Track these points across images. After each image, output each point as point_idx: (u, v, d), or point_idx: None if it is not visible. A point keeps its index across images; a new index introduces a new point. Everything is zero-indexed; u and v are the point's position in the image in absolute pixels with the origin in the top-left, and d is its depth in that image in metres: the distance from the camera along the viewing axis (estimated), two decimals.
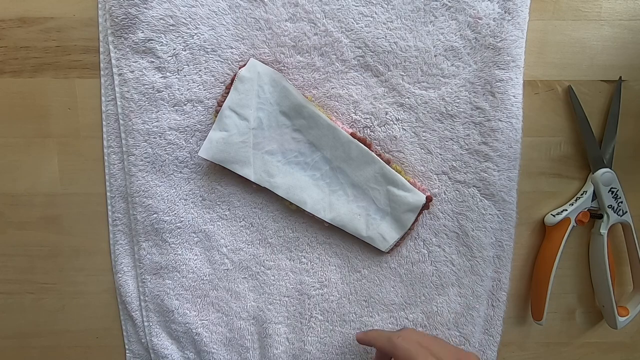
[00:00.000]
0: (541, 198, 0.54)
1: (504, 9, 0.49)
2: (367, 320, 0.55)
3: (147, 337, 0.56)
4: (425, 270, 0.54)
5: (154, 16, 0.49)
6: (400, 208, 0.51)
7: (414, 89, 0.51)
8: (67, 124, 0.53)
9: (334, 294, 0.54)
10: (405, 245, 0.53)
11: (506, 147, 0.51)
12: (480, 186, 0.52)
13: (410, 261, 0.54)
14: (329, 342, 0.55)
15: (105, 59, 0.51)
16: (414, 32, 0.50)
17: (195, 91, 0.50)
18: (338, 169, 0.51)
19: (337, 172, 0.51)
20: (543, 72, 0.52)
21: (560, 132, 0.53)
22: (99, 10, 0.50)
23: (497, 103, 0.50)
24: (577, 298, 0.57)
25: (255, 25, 0.49)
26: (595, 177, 0.52)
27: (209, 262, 0.54)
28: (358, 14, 0.49)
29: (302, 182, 0.51)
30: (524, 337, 0.58)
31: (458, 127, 0.51)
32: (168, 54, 0.50)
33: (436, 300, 0.54)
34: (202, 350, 0.55)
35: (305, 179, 0.51)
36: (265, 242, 0.54)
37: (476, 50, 0.50)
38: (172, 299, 0.54)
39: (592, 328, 0.58)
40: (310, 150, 0.51)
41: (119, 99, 0.51)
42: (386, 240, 0.52)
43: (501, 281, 0.54)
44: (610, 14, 0.51)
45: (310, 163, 0.51)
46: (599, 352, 0.58)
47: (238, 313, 0.55)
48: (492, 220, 0.52)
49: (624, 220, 0.53)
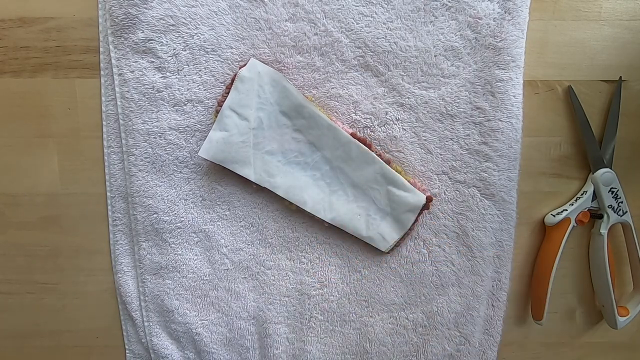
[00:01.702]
0: (541, 198, 0.54)
1: (504, 9, 0.49)
2: (367, 320, 0.54)
3: (147, 337, 0.56)
4: (426, 270, 0.54)
5: (154, 16, 0.49)
6: (400, 208, 0.51)
7: (414, 89, 0.51)
8: (67, 124, 0.53)
9: (334, 294, 0.54)
10: (405, 246, 0.53)
11: (506, 147, 0.51)
12: (481, 186, 0.52)
13: (410, 261, 0.54)
14: (329, 342, 0.55)
15: (106, 59, 0.51)
16: (414, 32, 0.50)
17: (195, 91, 0.50)
18: (338, 169, 0.51)
19: (337, 172, 0.51)
20: (543, 72, 0.52)
21: (560, 132, 0.53)
22: (99, 10, 0.50)
23: (497, 103, 0.50)
24: (577, 298, 0.57)
25: (255, 25, 0.49)
26: (595, 177, 0.52)
27: (209, 262, 0.54)
28: (358, 14, 0.49)
29: (302, 182, 0.51)
30: (524, 337, 0.58)
31: (458, 127, 0.51)
32: (168, 54, 0.50)
33: (436, 300, 0.54)
34: (202, 350, 0.55)
35: (305, 179, 0.51)
36: (266, 242, 0.54)
37: (476, 50, 0.50)
38: (172, 299, 0.54)
39: (592, 328, 0.58)
40: (311, 150, 0.51)
41: (119, 99, 0.51)
42: (386, 241, 0.52)
43: (501, 281, 0.54)
44: (610, 14, 0.51)
45: (311, 163, 0.51)
46: (599, 352, 0.58)
47: (238, 313, 0.55)
48: (492, 220, 0.52)
49: (624, 220, 0.53)
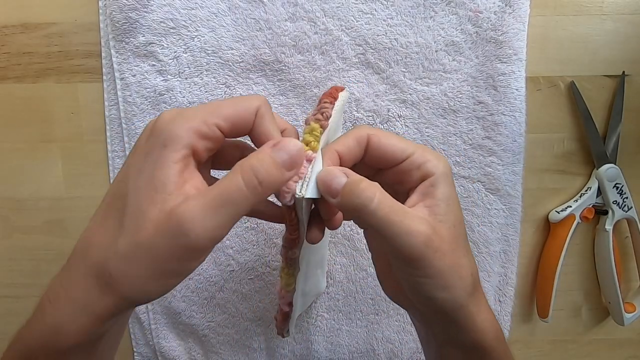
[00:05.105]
0: (545, 195, 0.54)
1: (504, 2, 0.49)
2: (373, 318, 0.54)
3: (155, 340, 0.56)
4: None
5: (155, 20, 0.49)
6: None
7: (415, 85, 0.50)
8: (70, 128, 0.53)
9: (340, 293, 0.54)
10: None
11: (510, 140, 0.51)
12: (485, 181, 0.52)
13: None
14: (336, 341, 0.55)
15: (107, 63, 0.51)
16: (414, 28, 0.49)
17: (197, 93, 0.51)
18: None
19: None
20: (545, 68, 0.52)
21: (564, 128, 0.53)
22: (100, 15, 0.50)
23: (500, 97, 0.50)
24: (583, 295, 0.57)
25: (255, 26, 0.49)
26: (599, 173, 0.52)
27: (214, 263, 0.54)
28: (358, 11, 0.49)
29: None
30: (529, 335, 0.57)
31: (461, 122, 0.51)
32: (169, 57, 0.50)
33: None
34: (209, 352, 0.55)
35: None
36: (271, 242, 0.54)
37: (477, 44, 0.50)
38: (178, 301, 0.54)
39: (598, 325, 0.57)
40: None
41: (122, 102, 0.51)
42: None
43: (507, 276, 0.54)
44: (612, 8, 0.51)
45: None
46: (605, 348, 0.58)
47: (245, 314, 0.55)
48: (497, 215, 0.52)
49: (630, 216, 0.53)
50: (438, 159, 0.31)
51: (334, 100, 0.33)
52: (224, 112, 0.28)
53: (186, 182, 0.27)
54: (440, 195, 0.30)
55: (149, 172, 0.27)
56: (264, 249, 0.54)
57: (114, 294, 0.27)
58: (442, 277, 0.29)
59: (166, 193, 0.26)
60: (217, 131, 0.28)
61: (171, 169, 0.26)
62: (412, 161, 0.31)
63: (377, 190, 0.28)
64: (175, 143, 0.27)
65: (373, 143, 0.31)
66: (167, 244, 0.26)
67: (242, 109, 0.29)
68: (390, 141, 0.31)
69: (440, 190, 0.30)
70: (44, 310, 0.28)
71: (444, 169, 0.31)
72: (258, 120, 0.30)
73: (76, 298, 0.27)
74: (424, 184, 0.31)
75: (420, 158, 0.31)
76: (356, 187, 0.28)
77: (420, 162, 0.31)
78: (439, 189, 0.30)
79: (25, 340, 0.29)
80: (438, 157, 0.31)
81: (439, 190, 0.30)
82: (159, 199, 0.26)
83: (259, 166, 0.27)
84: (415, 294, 0.31)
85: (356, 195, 0.28)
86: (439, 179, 0.30)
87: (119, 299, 0.27)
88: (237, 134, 0.30)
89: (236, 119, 0.29)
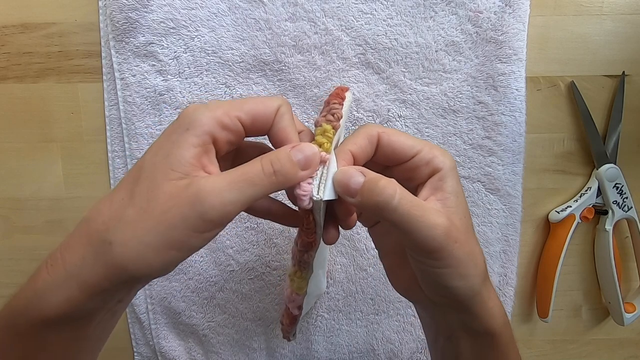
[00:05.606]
0: (545, 195, 0.54)
1: (504, 2, 0.49)
2: (373, 318, 0.54)
3: (155, 340, 0.56)
4: None
5: (155, 20, 0.49)
6: None
7: (415, 85, 0.51)
8: (70, 128, 0.53)
9: (340, 293, 0.54)
10: None
11: (510, 140, 0.51)
12: (485, 181, 0.52)
13: None
14: (336, 341, 0.55)
15: (107, 63, 0.51)
16: (414, 28, 0.50)
17: (197, 93, 0.51)
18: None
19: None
20: (545, 68, 0.52)
21: (564, 128, 0.53)
22: (100, 15, 0.50)
23: (500, 97, 0.50)
24: (583, 295, 0.57)
25: (255, 26, 0.49)
26: (599, 173, 0.52)
27: (214, 263, 0.54)
28: (358, 11, 0.49)
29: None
30: (529, 335, 0.57)
31: (461, 122, 0.51)
32: (169, 57, 0.50)
33: None
34: (209, 352, 0.55)
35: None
36: (271, 242, 0.54)
37: (477, 44, 0.50)
38: (178, 301, 0.54)
39: (598, 325, 0.57)
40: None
41: (122, 102, 0.51)
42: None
43: (507, 276, 0.54)
44: (612, 8, 0.51)
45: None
46: (605, 349, 0.58)
47: (245, 314, 0.55)
48: (497, 215, 0.52)
49: (629, 216, 0.53)
50: (444, 154, 0.32)
51: (342, 101, 0.34)
52: (246, 106, 0.30)
53: (204, 166, 0.28)
54: (450, 189, 0.31)
55: (167, 150, 0.28)
56: (264, 249, 0.54)
57: (109, 263, 0.27)
58: (461, 265, 0.30)
59: (181, 171, 0.27)
60: (238, 124, 0.29)
61: (189, 150, 0.28)
62: (421, 157, 0.32)
63: (397, 187, 0.29)
64: (196, 128, 0.28)
65: (383, 141, 0.32)
66: (180, 211, 0.26)
67: (264, 106, 0.30)
68: (400, 139, 0.32)
69: (449, 183, 0.31)
70: (39, 274, 0.29)
71: (450, 164, 0.32)
72: (278, 118, 0.31)
73: (70, 265, 0.28)
74: (434, 179, 0.31)
75: (428, 154, 0.32)
76: (375, 186, 0.29)
77: (429, 158, 0.31)
78: (448, 182, 0.31)
79: (11, 303, 0.30)
80: (444, 153, 0.32)
81: (448, 184, 0.31)
82: (174, 175, 0.27)
83: (275, 158, 0.29)
84: (432, 286, 0.32)
85: (377, 194, 0.29)
86: (447, 173, 0.31)
87: (114, 268, 0.27)
88: (257, 131, 0.31)
89: (257, 115, 0.30)
